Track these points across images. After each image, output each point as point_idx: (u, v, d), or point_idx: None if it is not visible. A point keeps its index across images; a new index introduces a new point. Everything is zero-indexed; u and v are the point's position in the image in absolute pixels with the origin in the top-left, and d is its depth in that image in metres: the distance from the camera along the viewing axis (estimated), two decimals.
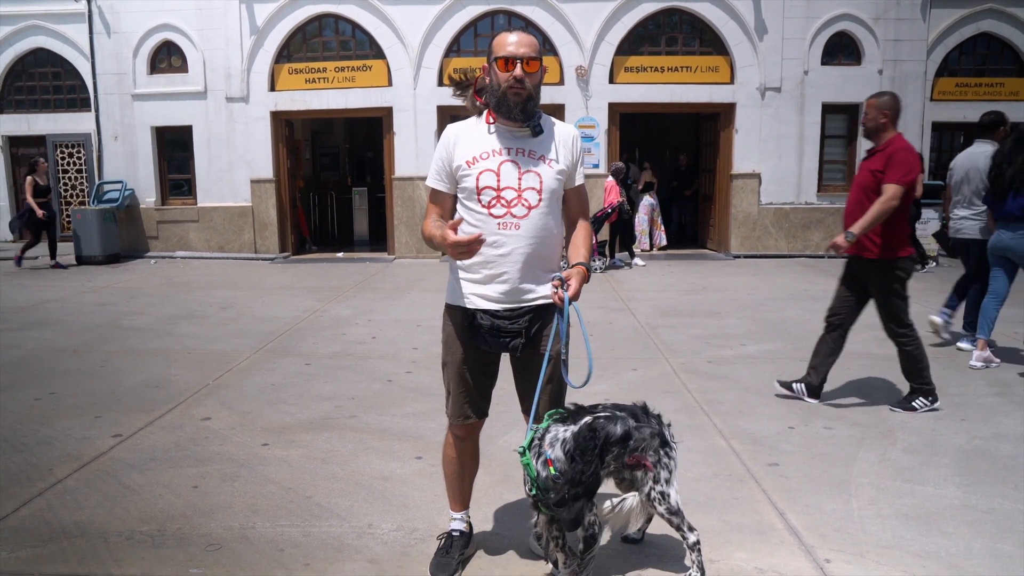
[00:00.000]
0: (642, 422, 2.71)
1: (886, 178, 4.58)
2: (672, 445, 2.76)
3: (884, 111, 4.74)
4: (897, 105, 4.78)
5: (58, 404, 4.99)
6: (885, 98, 4.77)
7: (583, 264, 2.69)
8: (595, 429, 2.49)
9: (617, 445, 2.56)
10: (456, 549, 2.91)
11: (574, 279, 2.62)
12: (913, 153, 4.66)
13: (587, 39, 13.09)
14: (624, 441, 2.57)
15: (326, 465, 3.95)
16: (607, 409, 2.69)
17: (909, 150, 4.65)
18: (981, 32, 13.86)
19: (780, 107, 13.26)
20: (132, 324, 7.66)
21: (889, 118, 4.75)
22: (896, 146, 4.66)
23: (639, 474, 2.70)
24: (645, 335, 7.06)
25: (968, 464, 3.90)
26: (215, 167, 13.79)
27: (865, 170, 4.81)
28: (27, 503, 3.47)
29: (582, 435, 2.47)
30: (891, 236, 4.64)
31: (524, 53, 2.57)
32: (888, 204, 4.53)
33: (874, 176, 4.68)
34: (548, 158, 2.68)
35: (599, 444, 2.48)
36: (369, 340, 6.92)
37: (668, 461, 2.72)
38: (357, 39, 13.61)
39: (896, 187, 4.53)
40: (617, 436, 2.54)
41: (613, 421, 2.59)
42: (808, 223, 13.49)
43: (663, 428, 2.77)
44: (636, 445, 2.62)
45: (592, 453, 2.45)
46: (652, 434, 2.68)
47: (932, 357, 5.02)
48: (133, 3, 13.56)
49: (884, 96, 4.80)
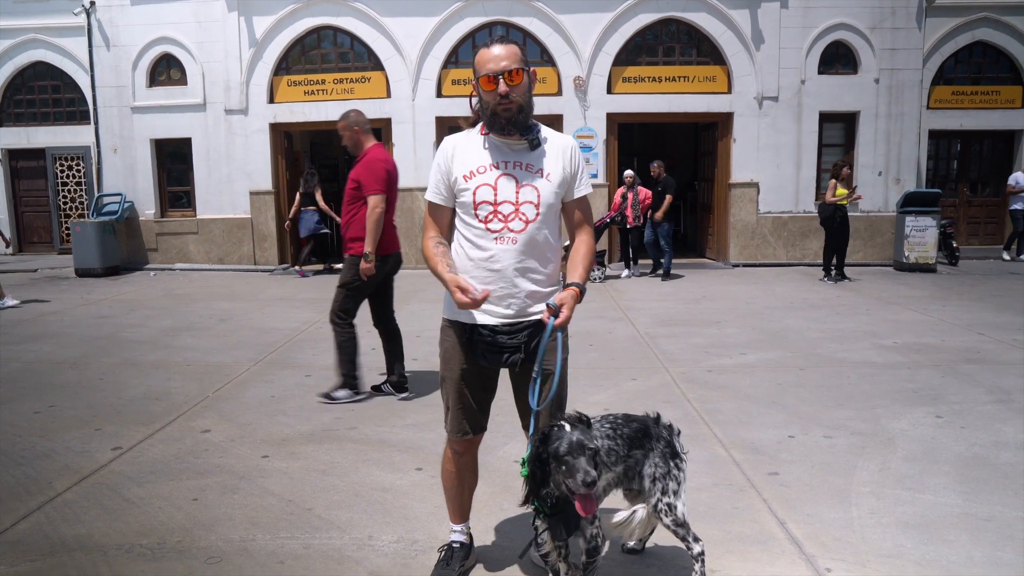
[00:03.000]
0: (653, 436, 2.71)
1: (365, 189, 5.00)
2: (682, 456, 2.75)
3: (354, 127, 5.24)
4: (362, 117, 5.30)
5: (57, 417, 4.98)
6: (350, 117, 5.27)
7: (577, 285, 2.60)
8: (547, 436, 2.41)
9: (559, 459, 2.31)
10: (456, 561, 2.91)
11: (566, 306, 2.54)
12: (382, 163, 5.08)
13: (585, 50, 13.15)
14: (568, 454, 2.29)
15: (326, 477, 3.95)
16: (614, 419, 2.69)
17: (377, 160, 5.08)
18: (976, 40, 13.96)
19: (778, 116, 13.32)
20: (131, 336, 7.65)
21: (361, 131, 5.24)
22: (370, 156, 5.11)
23: (647, 485, 2.69)
24: (644, 344, 7.07)
25: (968, 472, 3.90)
26: (214, 179, 13.82)
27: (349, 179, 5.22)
28: (26, 517, 3.46)
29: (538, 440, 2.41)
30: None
31: (505, 67, 2.53)
32: (374, 213, 4.96)
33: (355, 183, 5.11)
34: (546, 172, 2.66)
35: (546, 454, 2.34)
36: (368, 351, 6.91)
37: (677, 473, 2.71)
38: (355, 51, 13.67)
39: (377, 197, 4.95)
40: (560, 451, 2.29)
41: (564, 435, 2.34)
42: (806, 231, 13.52)
43: (674, 439, 2.76)
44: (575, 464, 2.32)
45: (540, 459, 2.36)
46: (609, 450, 2.59)
47: None
48: (132, 16, 13.63)
49: (347, 115, 5.29)
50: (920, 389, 5.44)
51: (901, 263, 12.46)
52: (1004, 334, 7.25)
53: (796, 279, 11.69)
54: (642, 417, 2.77)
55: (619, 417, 2.73)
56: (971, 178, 15.06)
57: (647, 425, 2.74)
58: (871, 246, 13.47)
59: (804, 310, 8.84)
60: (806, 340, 7.16)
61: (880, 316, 8.38)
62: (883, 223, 13.40)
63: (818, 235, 13.33)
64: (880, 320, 8.13)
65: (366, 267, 5.01)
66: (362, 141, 5.24)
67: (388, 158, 5.22)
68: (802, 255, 13.53)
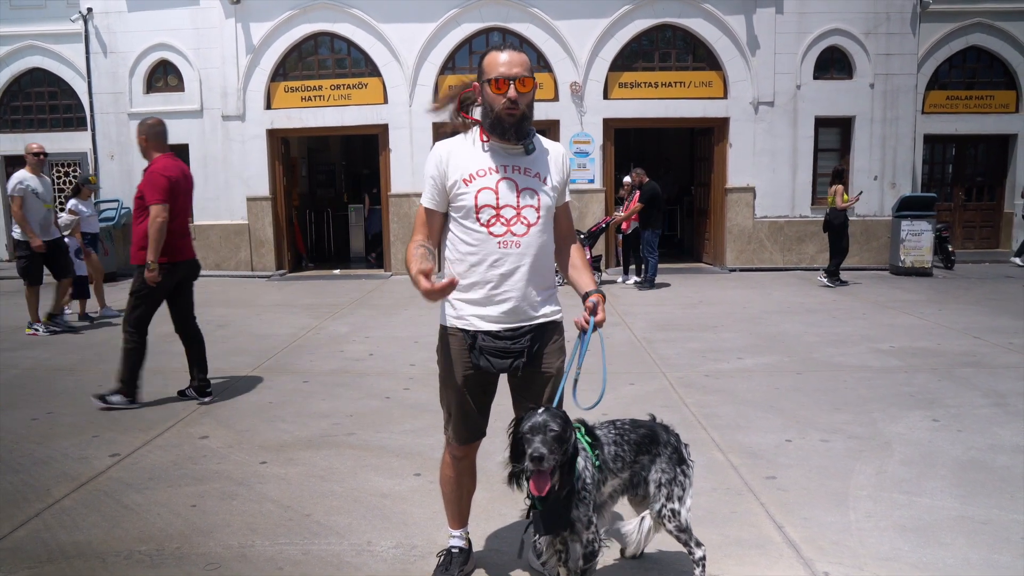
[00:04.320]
0: (660, 441, 2.73)
1: (147, 199, 5.13)
2: (689, 463, 2.77)
3: (141, 136, 5.33)
4: (154, 129, 5.34)
5: (55, 424, 4.98)
6: (142, 126, 5.36)
7: (599, 291, 2.70)
8: (522, 417, 2.44)
9: (520, 437, 2.37)
10: (455, 566, 2.91)
11: (601, 307, 2.64)
12: (164, 173, 5.17)
13: (581, 55, 13.20)
14: (528, 432, 2.33)
15: (324, 483, 3.95)
16: (620, 425, 2.70)
17: (159, 171, 5.17)
18: (971, 46, 14.05)
19: (773, 121, 13.38)
20: None
21: (149, 141, 5.31)
22: (152, 167, 5.22)
23: (652, 490, 2.70)
24: (642, 349, 7.08)
25: (965, 475, 3.91)
26: (211, 185, 13.82)
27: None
28: (24, 524, 3.45)
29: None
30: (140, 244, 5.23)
31: (517, 73, 2.54)
32: (155, 223, 5.09)
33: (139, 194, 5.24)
34: (543, 176, 2.67)
35: (519, 433, 2.39)
36: (367, 357, 6.93)
37: (683, 479, 2.72)
38: (353, 57, 13.70)
39: (158, 207, 5.08)
40: (523, 429, 2.34)
41: (532, 416, 2.39)
42: (803, 236, 13.56)
43: (681, 446, 2.78)
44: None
45: (515, 437, 2.41)
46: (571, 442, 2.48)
47: None
48: (129, 23, 13.65)
49: (141, 124, 5.40)
50: (917, 393, 5.46)
51: (897, 267, 12.50)
52: (1000, 338, 7.27)
53: (793, 283, 11.72)
54: (650, 423, 2.78)
55: (626, 423, 2.74)
56: (966, 182, 15.12)
57: (655, 431, 2.74)
58: (867, 250, 13.52)
59: (801, 314, 8.86)
60: (803, 344, 7.18)
61: (876, 320, 8.41)
62: (879, 227, 13.45)
63: (815, 239, 13.40)
64: (876, 324, 8.16)
65: (150, 275, 5.17)
66: (150, 151, 5.36)
67: (173, 168, 5.30)
68: (799, 259, 13.56)
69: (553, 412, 2.38)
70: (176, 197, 5.28)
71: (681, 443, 2.79)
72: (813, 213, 13.54)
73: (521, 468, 2.39)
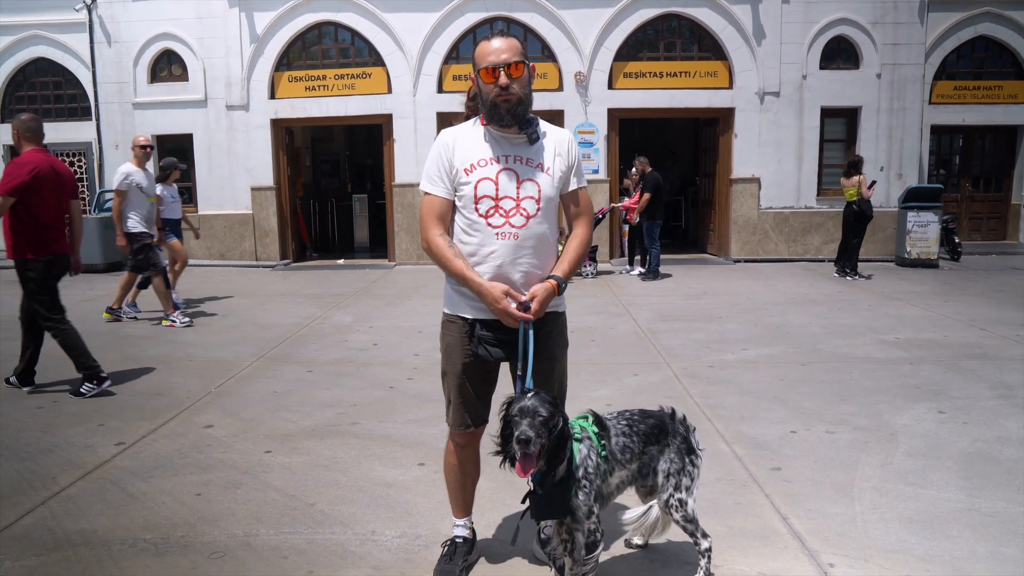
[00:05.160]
0: (670, 432, 2.72)
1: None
2: (698, 453, 2.76)
3: (15, 131, 5.35)
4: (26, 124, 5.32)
5: (61, 412, 4.99)
6: (16, 121, 5.36)
7: (555, 278, 2.63)
8: (510, 402, 2.45)
9: (509, 419, 2.40)
10: (460, 556, 2.91)
11: (537, 300, 2.57)
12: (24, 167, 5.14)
13: (586, 45, 13.13)
14: (516, 415, 2.36)
15: (329, 472, 3.95)
16: (630, 415, 2.69)
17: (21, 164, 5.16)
18: (979, 35, 13.91)
19: (779, 111, 13.30)
20: (133, 332, 7.66)
21: (21, 136, 5.33)
22: (14, 160, 5.24)
23: (660, 480, 2.69)
24: (646, 340, 7.07)
25: (971, 467, 3.90)
26: (215, 175, 13.83)
27: None
28: (30, 512, 3.47)
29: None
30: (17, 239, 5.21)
31: (506, 59, 2.54)
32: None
33: None
34: (546, 166, 2.66)
35: (508, 416, 2.41)
36: (370, 347, 6.93)
37: (692, 469, 2.71)
38: (356, 47, 13.65)
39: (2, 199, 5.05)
40: (511, 412, 2.38)
41: (522, 400, 2.41)
42: (808, 227, 13.51)
43: (690, 435, 2.77)
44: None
45: (505, 419, 2.43)
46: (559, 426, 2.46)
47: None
48: (134, 12, 13.62)
49: (15, 119, 5.39)
50: (922, 384, 5.44)
51: (903, 258, 12.45)
52: (1007, 329, 7.24)
53: (797, 274, 11.68)
54: (659, 413, 2.77)
55: (635, 413, 2.73)
56: (973, 173, 15.03)
57: (663, 421, 2.73)
58: (873, 241, 13.44)
59: (806, 305, 8.83)
60: (808, 335, 7.16)
61: (882, 311, 8.38)
62: (885, 218, 13.37)
63: (820, 230, 13.35)
64: (882, 315, 8.13)
65: None
66: (22, 145, 5.38)
67: (40, 162, 5.25)
68: (804, 250, 13.52)
69: (543, 397, 2.39)
70: (44, 193, 5.22)
71: (691, 432, 2.77)
72: (819, 204, 13.48)
73: (507, 450, 2.41)
